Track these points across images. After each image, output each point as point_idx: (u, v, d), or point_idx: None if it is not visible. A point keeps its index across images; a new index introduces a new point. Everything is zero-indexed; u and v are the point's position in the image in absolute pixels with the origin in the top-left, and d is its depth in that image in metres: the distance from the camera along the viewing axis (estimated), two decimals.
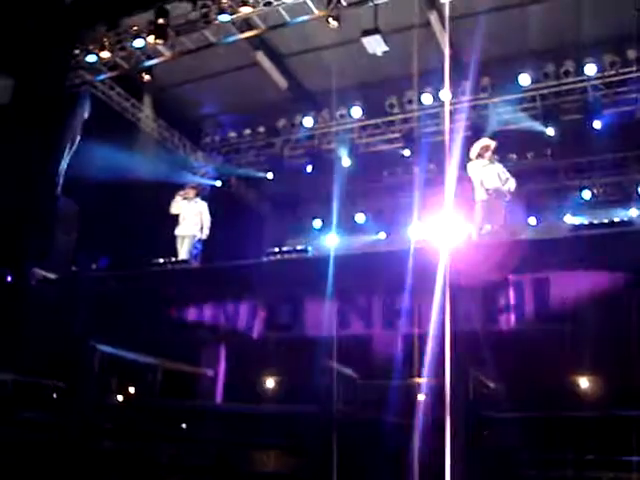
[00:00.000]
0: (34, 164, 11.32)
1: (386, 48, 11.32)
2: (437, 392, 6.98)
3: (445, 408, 6.16)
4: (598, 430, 6.02)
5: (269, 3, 11.11)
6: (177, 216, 11.42)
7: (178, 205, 11.40)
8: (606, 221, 8.05)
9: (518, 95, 13.30)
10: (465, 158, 9.87)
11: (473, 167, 9.60)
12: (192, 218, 11.32)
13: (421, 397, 8.04)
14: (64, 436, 8.01)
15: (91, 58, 12.69)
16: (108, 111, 13.74)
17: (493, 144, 9.77)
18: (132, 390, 9.41)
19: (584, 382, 8.00)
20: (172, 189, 12.04)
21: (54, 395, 9.04)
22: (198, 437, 8.27)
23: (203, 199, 12.01)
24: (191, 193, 11.60)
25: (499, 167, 9.71)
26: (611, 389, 7.37)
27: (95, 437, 8.28)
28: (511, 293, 7.48)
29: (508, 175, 9.62)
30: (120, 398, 9.50)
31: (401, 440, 6.97)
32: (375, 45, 11.26)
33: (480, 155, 9.64)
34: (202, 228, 11.39)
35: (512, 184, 9.58)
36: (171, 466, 8.04)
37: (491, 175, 9.50)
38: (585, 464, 5.92)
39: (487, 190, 9.39)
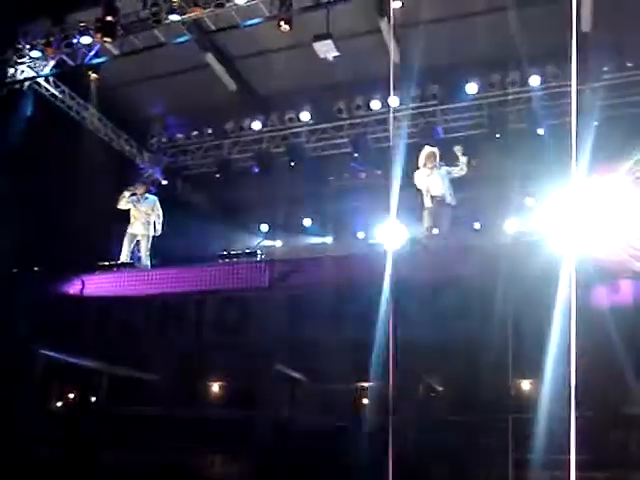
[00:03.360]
0: None
1: (337, 53, 11.35)
2: (385, 395, 7.05)
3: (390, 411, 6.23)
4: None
5: (221, 4, 11.03)
6: (127, 214, 11.15)
7: (126, 201, 11.10)
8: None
9: (465, 103, 13.53)
10: (411, 165, 10.02)
11: (419, 175, 9.79)
12: (143, 216, 11.06)
13: (365, 400, 8.12)
14: (4, 443, 7.78)
15: (35, 54, 12.37)
16: (52, 109, 13.39)
17: (436, 152, 9.95)
18: (75, 395, 9.19)
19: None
20: (117, 189, 11.83)
21: None
22: (143, 443, 8.14)
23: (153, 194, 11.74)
24: (140, 189, 11.34)
25: (444, 173, 9.84)
26: None
27: (36, 444, 8.07)
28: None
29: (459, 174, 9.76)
30: (61, 404, 9.28)
31: (347, 443, 7.01)
32: (326, 50, 11.30)
33: (424, 164, 9.84)
34: (155, 224, 11.12)
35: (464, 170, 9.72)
36: (115, 471, 7.90)
37: (436, 183, 9.69)
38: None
39: (432, 198, 9.61)
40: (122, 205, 11.08)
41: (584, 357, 4.86)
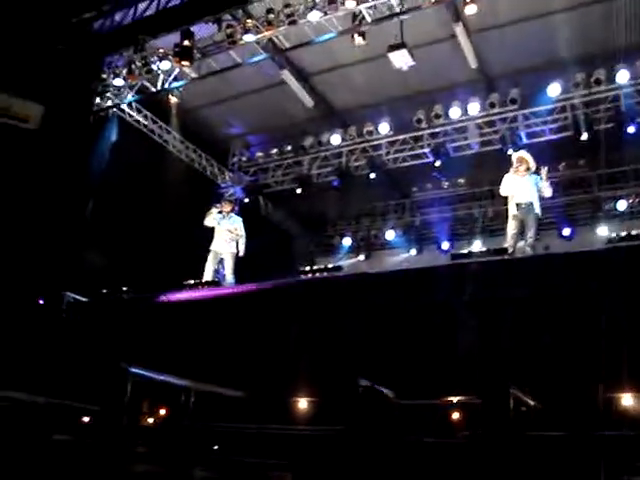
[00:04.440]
0: (64, 188, 11.43)
1: (412, 62, 11.18)
2: (476, 410, 6.81)
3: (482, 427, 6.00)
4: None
5: (294, 22, 11.10)
6: (212, 232, 11.25)
7: (212, 218, 11.18)
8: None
9: (548, 106, 13.08)
10: (492, 172, 9.73)
11: (506, 180, 9.41)
12: (226, 234, 11.09)
13: (456, 416, 7.87)
14: (97, 459, 7.94)
15: (118, 82, 12.83)
16: (136, 134, 13.84)
17: (528, 157, 9.54)
18: (164, 412, 9.33)
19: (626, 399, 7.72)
20: (201, 210, 12.04)
21: (86, 418, 8.99)
22: (232, 459, 8.16)
23: (237, 214, 11.76)
24: (227, 207, 11.36)
25: (534, 181, 9.45)
26: None
27: (128, 460, 8.20)
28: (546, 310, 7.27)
29: (546, 185, 9.34)
30: (152, 420, 9.43)
31: (440, 459, 6.80)
32: (401, 60, 11.14)
33: (515, 169, 9.44)
34: (239, 244, 11.16)
35: (548, 192, 9.33)
36: None
37: (524, 189, 9.27)
38: None
39: (518, 205, 9.18)
40: (208, 222, 11.16)
41: None
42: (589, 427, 6.16)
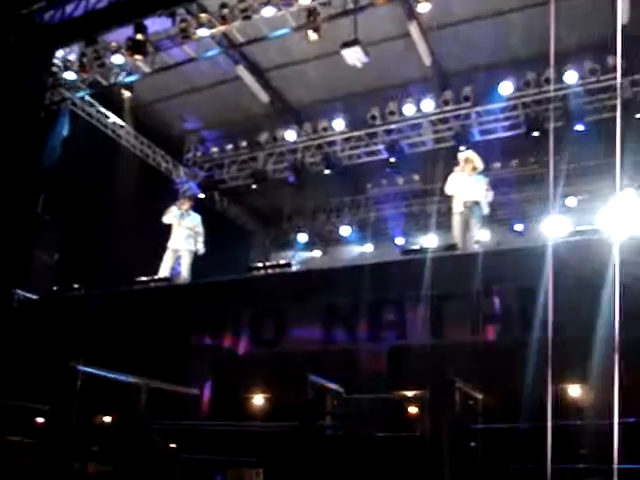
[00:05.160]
0: (14, 183, 11.20)
1: (366, 59, 11.23)
2: (423, 405, 6.91)
3: (430, 421, 6.08)
4: (586, 439, 5.95)
5: (248, 17, 11.06)
6: (167, 228, 11.18)
7: (172, 216, 11.14)
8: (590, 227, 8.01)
9: (501, 104, 13.28)
10: (446, 168, 9.85)
11: (451, 180, 9.56)
12: (185, 231, 11.06)
13: (409, 410, 7.98)
14: (48, 459, 7.83)
15: (70, 75, 12.62)
16: (88, 128, 13.62)
17: (474, 157, 9.69)
18: (116, 411, 9.23)
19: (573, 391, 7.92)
20: (154, 206, 11.94)
21: (37, 419, 8.85)
22: (184, 457, 8.12)
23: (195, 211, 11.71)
24: (185, 205, 11.34)
25: (480, 179, 9.62)
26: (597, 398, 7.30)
27: (79, 460, 8.10)
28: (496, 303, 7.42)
29: (487, 187, 9.54)
30: (104, 419, 9.32)
31: (388, 454, 6.87)
32: (355, 57, 11.19)
33: (462, 168, 9.59)
34: (197, 242, 11.13)
35: (490, 196, 9.52)
36: None
37: (470, 188, 9.42)
38: (575, 473, 5.84)
39: (465, 203, 9.33)
40: (167, 219, 11.11)
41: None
42: (535, 418, 6.30)
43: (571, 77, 12.45)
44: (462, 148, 11.00)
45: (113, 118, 14.28)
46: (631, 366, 4.89)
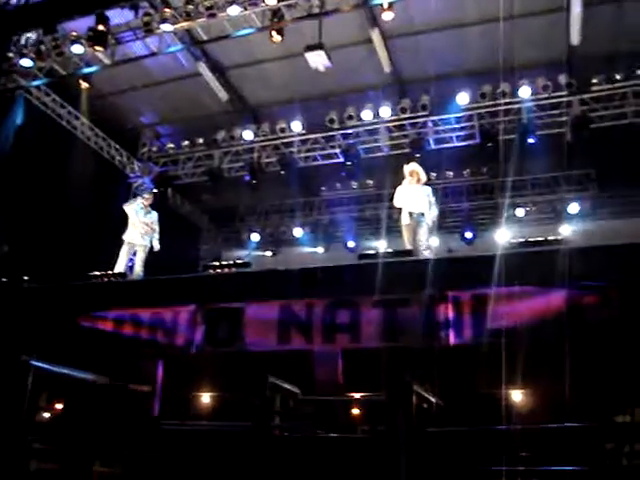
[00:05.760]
0: None
1: (329, 64, 11.33)
2: (378, 407, 7.03)
3: (387, 422, 6.20)
4: (531, 442, 6.15)
5: (213, 15, 11.04)
6: (121, 222, 11.02)
7: (133, 208, 10.98)
8: (539, 238, 8.27)
9: (457, 114, 13.56)
10: (400, 175, 9.96)
11: (398, 192, 9.66)
12: (142, 227, 10.93)
13: (357, 412, 8.09)
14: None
15: (26, 62, 12.34)
16: (43, 118, 13.36)
17: (419, 170, 9.80)
18: (63, 407, 9.09)
19: (518, 395, 8.17)
20: (107, 199, 11.79)
21: None
22: (134, 455, 8.05)
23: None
24: (148, 200, 11.20)
25: (426, 190, 9.75)
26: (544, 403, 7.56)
27: (25, 456, 7.96)
28: (450, 309, 7.58)
29: (433, 200, 9.69)
30: (49, 415, 9.17)
31: (339, 455, 6.96)
32: (318, 60, 11.27)
33: (408, 180, 9.69)
34: (153, 239, 11.02)
35: (435, 211, 9.68)
36: None
37: (416, 199, 9.55)
38: (518, 475, 6.04)
39: (411, 214, 9.45)
40: (128, 209, 10.95)
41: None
42: (485, 422, 6.49)
43: (525, 92, 12.80)
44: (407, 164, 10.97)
45: (69, 108, 14.02)
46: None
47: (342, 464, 6.61)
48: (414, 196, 9.52)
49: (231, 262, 10.04)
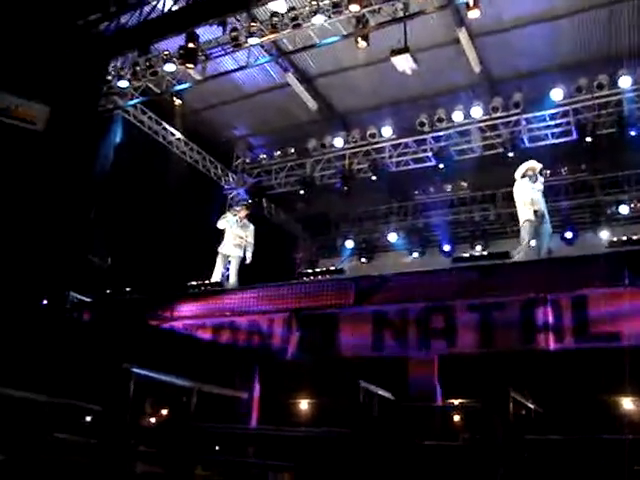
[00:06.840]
0: (68, 189, 11.47)
1: (415, 66, 11.22)
2: (476, 413, 6.85)
3: (484, 430, 6.03)
4: None
5: (298, 25, 11.14)
6: (219, 234, 11.30)
7: (226, 221, 11.28)
8: None
9: (551, 110, 13.10)
10: (494, 175, 9.74)
11: (520, 187, 9.46)
12: (236, 239, 11.18)
13: (457, 419, 7.91)
14: (98, 458, 7.97)
15: (123, 84, 12.91)
16: (140, 135, 13.91)
17: (539, 166, 9.61)
18: (166, 412, 9.36)
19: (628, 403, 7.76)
20: (204, 211, 12.10)
21: (88, 418, 9.02)
22: (233, 460, 8.18)
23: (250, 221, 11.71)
24: (242, 213, 11.46)
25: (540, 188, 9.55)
26: None
27: (129, 460, 8.23)
28: (549, 312, 7.31)
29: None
30: (154, 420, 9.45)
31: (440, 463, 6.82)
32: (405, 64, 11.18)
33: (526, 175, 9.50)
34: (245, 251, 11.21)
35: None
36: None
37: (539, 196, 9.36)
38: None
39: (535, 212, 9.24)
40: (221, 224, 11.24)
41: None
42: (589, 430, 6.20)
43: (625, 82, 12.20)
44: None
45: (164, 125, 14.54)
46: None
47: (441, 473, 6.48)
48: (536, 194, 9.35)
49: (324, 269, 10.11)
